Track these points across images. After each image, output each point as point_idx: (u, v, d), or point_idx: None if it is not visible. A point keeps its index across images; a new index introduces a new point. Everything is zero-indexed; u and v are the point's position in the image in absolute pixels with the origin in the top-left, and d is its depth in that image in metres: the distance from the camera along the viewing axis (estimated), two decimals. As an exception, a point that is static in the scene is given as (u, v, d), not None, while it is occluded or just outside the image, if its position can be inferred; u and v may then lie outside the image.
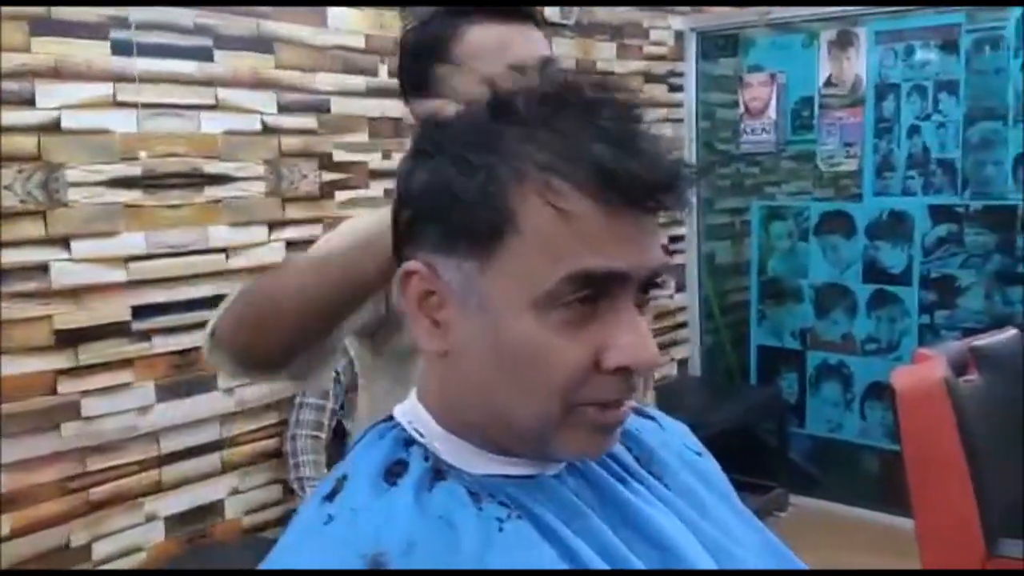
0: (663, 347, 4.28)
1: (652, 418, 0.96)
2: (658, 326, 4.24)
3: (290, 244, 2.85)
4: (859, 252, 3.94)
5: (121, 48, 2.45)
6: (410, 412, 0.81)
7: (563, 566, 0.72)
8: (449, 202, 0.71)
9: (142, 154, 2.50)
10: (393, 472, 0.76)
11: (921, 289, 3.82)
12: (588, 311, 0.70)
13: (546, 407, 0.71)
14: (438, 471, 0.76)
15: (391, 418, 0.83)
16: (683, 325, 4.40)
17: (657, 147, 0.70)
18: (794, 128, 4.10)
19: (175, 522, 2.67)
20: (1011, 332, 2.35)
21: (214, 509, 2.76)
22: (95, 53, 2.41)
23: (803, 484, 4.11)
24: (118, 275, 2.49)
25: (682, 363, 4.42)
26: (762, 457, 4.19)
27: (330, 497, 0.75)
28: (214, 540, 2.76)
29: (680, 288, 4.37)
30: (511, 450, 0.76)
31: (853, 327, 4.00)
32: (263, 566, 0.72)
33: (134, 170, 2.49)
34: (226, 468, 2.78)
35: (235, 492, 2.81)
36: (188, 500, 2.69)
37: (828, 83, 3.97)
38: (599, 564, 0.73)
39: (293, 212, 2.86)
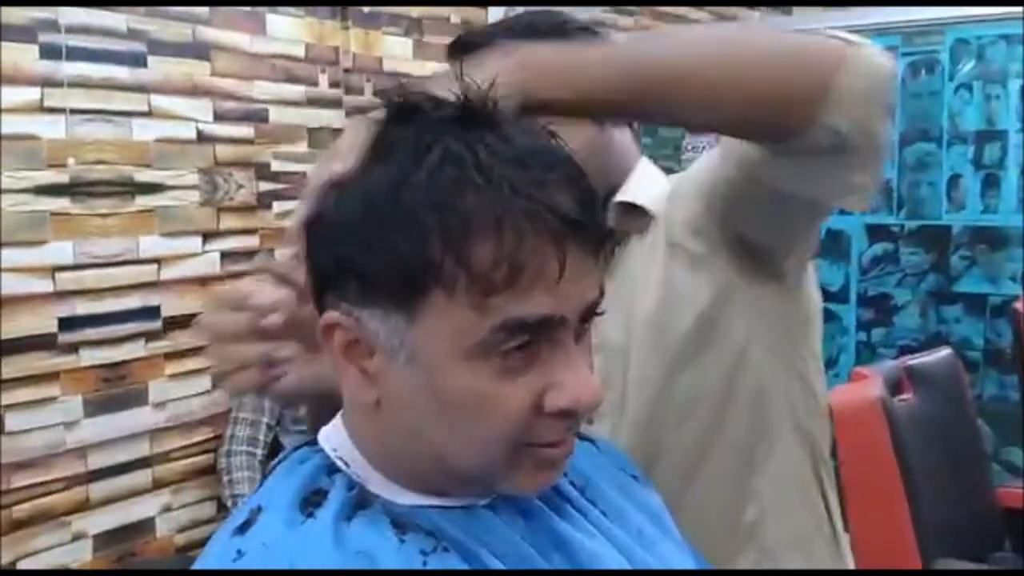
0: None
1: (589, 440, 0.94)
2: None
3: (225, 255, 2.79)
4: (798, 269, 3.98)
5: (50, 52, 2.38)
6: (335, 440, 0.78)
7: None
8: (367, 255, 0.67)
9: (70, 161, 2.44)
10: (311, 502, 0.73)
11: (858, 307, 3.86)
12: (527, 355, 0.67)
13: (491, 454, 0.70)
14: (362, 501, 0.73)
15: (314, 442, 0.79)
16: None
17: (572, 176, 0.68)
18: (735, 146, 4.12)
19: (104, 540, 2.60)
20: (945, 352, 2.38)
21: (145, 527, 2.70)
22: (23, 56, 2.34)
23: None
24: (44, 285, 2.42)
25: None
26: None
27: (242, 530, 0.71)
28: (145, 559, 2.69)
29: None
30: (448, 492, 0.74)
31: (792, 344, 4.03)
32: None
33: (62, 177, 2.43)
34: (157, 485, 2.71)
35: (167, 509, 2.74)
36: (118, 518, 2.63)
37: (769, 102, 4.00)
38: None
39: (228, 222, 2.80)
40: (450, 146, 0.66)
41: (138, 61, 2.57)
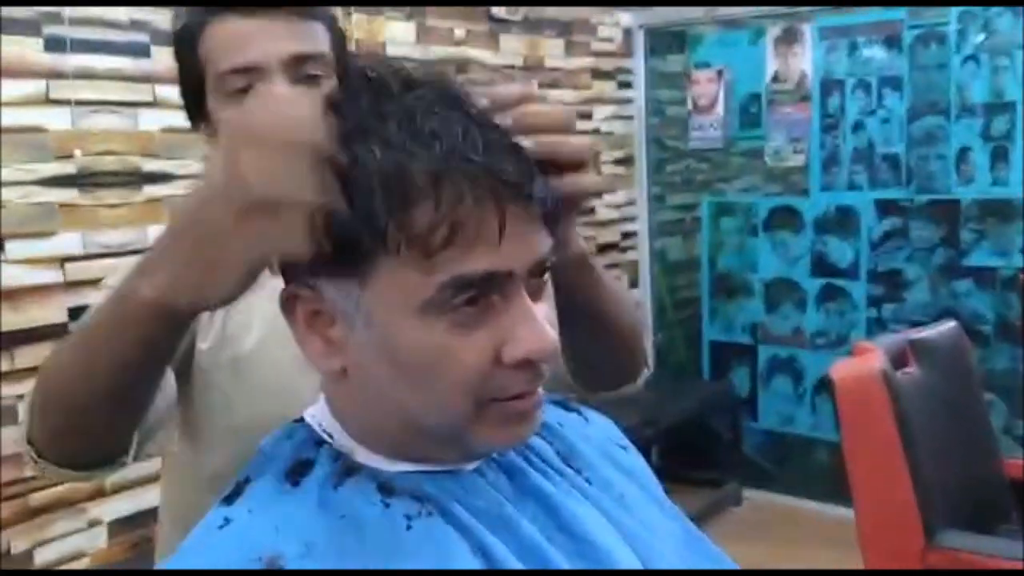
0: (616, 343, 4.28)
1: (577, 411, 0.96)
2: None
3: (233, 243, 2.80)
4: (807, 247, 3.98)
5: (54, 44, 2.40)
6: (320, 415, 0.80)
7: (475, 562, 0.71)
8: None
9: (77, 152, 2.45)
10: (297, 472, 0.74)
11: (868, 283, 3.86)
12: (479, 309, 0.69)
13: (456, 410, 0.71)
14: (348, 469, 0.75)
15: (302, 419, 0.81)
16: (636, 321, 4.40)
17: (500, 132, 0.69)
18: (742, 124, 4.12)
19: (119, 527, 2.62)
20: (949, 324, 2.38)
21: (159, 513, 2.72)
22: (28, 49, 2.36)
23: (756, 478, 4.14)
24: (54, 276, 2.44)
25: (635, 359, 4.42)
26: (715, 452, 4.21)
27: (229, 500, 0.73)
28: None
29: (633, 284, 4.38)
30: (430, 457, 0.75)
31: (803, 321, 4.04)
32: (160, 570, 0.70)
33: (69, 169, 2.45)
34: (171, 471, 2.73)
35: (180, 495, 2.77)
36: (133, 504, 2.64)
37: (775, 79, 4.00)
38: (512, 560, 0.72)
39: (236, 211, 2.82)
40: (395, 112, 0.68)
41: (141, 51, 2.58)
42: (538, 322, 0.70)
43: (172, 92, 2.58)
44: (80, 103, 2.46)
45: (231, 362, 1.13)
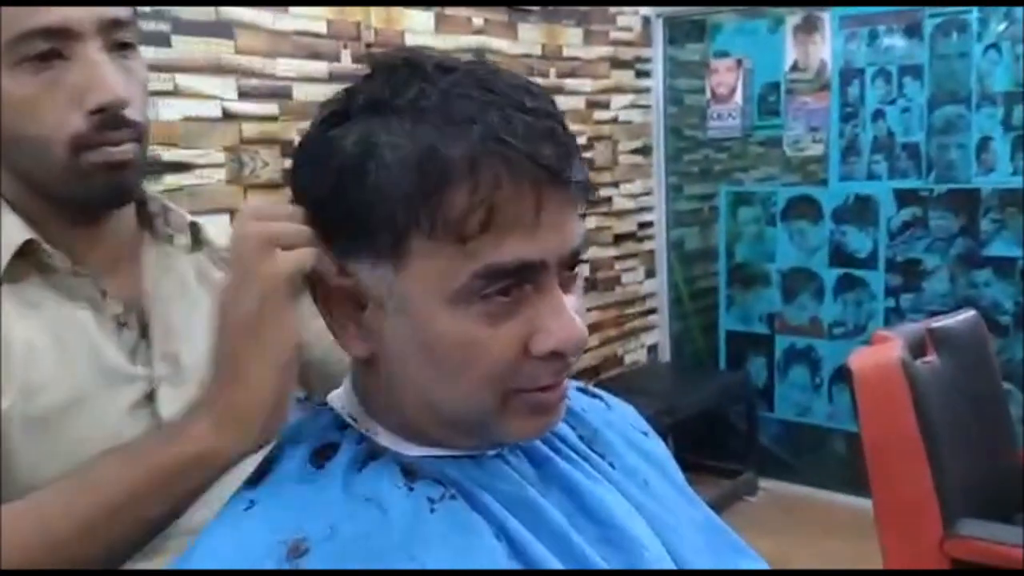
0: (633, 333, 4.29)
1: (599, 398, 0.96)
2: (627, 312, 4.25)
3: (252, 232, 2.81)
4: (825, 237, 3.96)
5: (76, 34, 2.41)
6: (343, 399, 0.80)
7: (498, 546, 0.71)
8: (350, 207, 0.69)
9: (98, 141, 2.47)
10: (322, 455, 0.75)
11: (887, 273, 3.84)
12: (511, 299, 0.69)
13: (481, 399, 0.71)
14: (372, 452, 0.75)
15: (325, 403, 0.82)
16: (652, 311, 4.40)
17: (537, 116, 0.68)
18: (760, 113, 4.10)
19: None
20: (969, 313, 2.37)
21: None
22: (50, 39, 2.37)
23: (773, 468, 4.14)
24: (76, 264, 2.45)
25: (651, 349, 4.43)
26: (732, 441, 4.21)
27: (254, 482, 0.74)
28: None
29: (649, 274, 4.38)
30: (452, 443, 0.76)
31: (820, 311, 4.02)
32: (182, 557, 0.70)
33: (91, 157, 2.46)
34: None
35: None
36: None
37: (794, 68, 3.98)
38: (536, 544, 0.73)
39: (255, 200, 2.83)
40: (431, 95, 0.68)
41: (162, 41, 2.59)
42: (568, 314, 0.70)
43: (193, 81, 2.65)
44: (101, 92, 2.47)
45: (37, 419, 0.93)
